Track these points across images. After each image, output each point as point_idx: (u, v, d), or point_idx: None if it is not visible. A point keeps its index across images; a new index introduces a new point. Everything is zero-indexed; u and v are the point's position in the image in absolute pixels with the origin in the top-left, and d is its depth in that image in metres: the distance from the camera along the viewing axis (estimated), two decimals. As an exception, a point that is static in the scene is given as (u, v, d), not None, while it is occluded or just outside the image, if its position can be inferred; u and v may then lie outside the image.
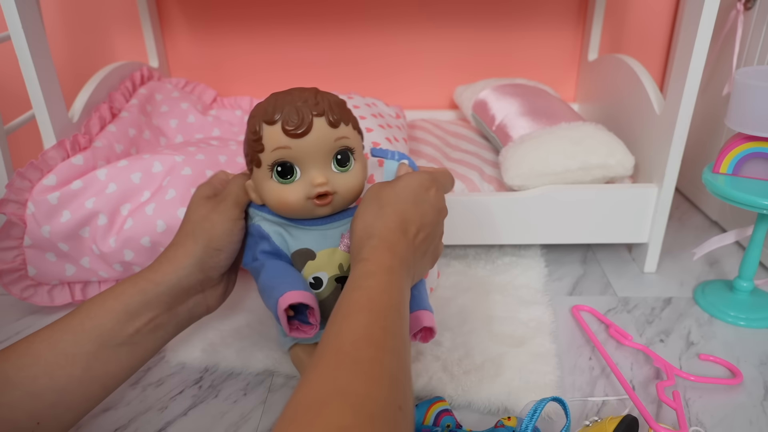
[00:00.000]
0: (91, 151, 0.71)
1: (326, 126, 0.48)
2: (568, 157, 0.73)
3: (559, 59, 1.10)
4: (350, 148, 0.50)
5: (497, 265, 0.79)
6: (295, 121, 0.47)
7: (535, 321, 0.67)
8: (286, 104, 0.48)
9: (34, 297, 0.69)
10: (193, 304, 0.52)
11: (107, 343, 0.46)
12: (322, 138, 0.48)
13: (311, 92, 0.50)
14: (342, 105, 0.51)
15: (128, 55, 1.07)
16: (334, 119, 0.49)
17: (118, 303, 0.47)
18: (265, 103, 0.49)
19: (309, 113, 0.48)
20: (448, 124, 1.03)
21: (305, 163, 0.49)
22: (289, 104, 0.48)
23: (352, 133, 0.51)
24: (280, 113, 0.48)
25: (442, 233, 0.53)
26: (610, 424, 0.47)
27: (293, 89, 0.50)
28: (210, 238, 0.50)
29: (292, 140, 0.48)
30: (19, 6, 0.64)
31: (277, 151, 0.48)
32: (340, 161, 0.50)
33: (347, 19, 1.06)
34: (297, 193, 0.49)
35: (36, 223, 0.65)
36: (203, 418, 0.55)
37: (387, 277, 0.42)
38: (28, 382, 0.43)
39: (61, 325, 0.46)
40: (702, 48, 0.64)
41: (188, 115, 0.91)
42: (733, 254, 0.83)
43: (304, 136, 0.48)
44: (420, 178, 0.50)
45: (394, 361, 0.37)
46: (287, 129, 0.47)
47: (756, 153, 0.64)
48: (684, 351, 0.64)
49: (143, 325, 0.48)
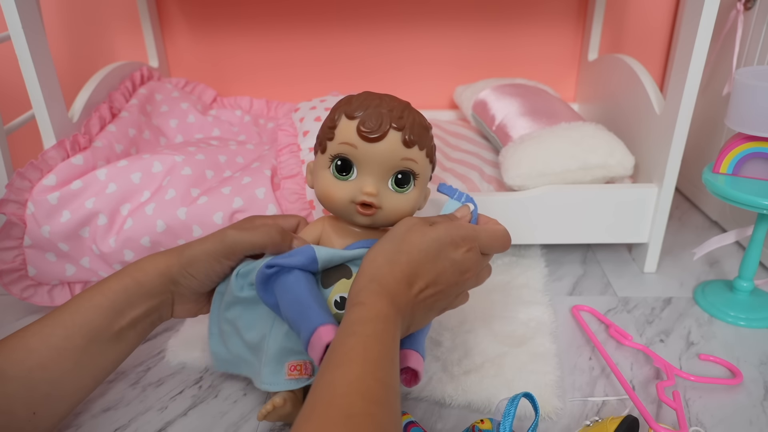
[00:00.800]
0: (91, 151, 0.71)
1: (399, 142, 0.48)
2: (568, 157, 0.73)
3: (559, 59, 1.10)
4: (414, 173, 0.50)
5: (497, 265, 0.79)
6: (372, 126, 0.47)
7: (535, 321, 0.67)
8: (372, 106, 0.48)
9: (34, 297, 0.69)
10: (164, 307, 0.54)
11: (96, 339, 0.49)
12: (390, 151, 0.48)
13: (402, 105, 0.49)
14: (425, 129, 0.50)
15: (128, 55, 1.07)
16: (410, 139, 0.48)
17: (106, 300, 0.50)
18: (354, 98, 0.50)
19: (388, 123, 0.47)
20: (448, 124, 1.03)
21: (365, 168, 0.49)
22: (375, 108, 0.48)
23: (423, 159, 0.50)
24: (362, 112, 0.48)
25: (461, 293, 0.51)
26: (610, 424, 0.47)
27: (388, 95, 0.50)
28: (189, 264, 0.52)
29: (361, 141, 0.48)
30: (19, 6, 0.64)
31: (344, 146, 0.48)
32: (400, 181, 0.50)
33: (347, 19, 1.06)
34: (345, 192, 0.49)
35: (36, 223, 0.65)
36: (203, 418, 0.55)
37: (383, 326, 0.41)
38: (23, 374, 0.45)
39: (51, 320, 0.48)
40: (702, 48, 0.64)
41: (188, 115, 0.91)
42: (733, 254, 0.83)
43: (374, 142, 0.47)
44: (454, 234, 0.47)
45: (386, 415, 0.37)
46: (361, 130, 0.47)
47: (756, 153, 0.64)
48: (684, 351, 0.64)
49: (127, 323, 0.51)
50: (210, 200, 0.67)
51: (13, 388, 0.45)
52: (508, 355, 0.61)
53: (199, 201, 0.67)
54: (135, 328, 0.52)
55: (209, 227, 0.67)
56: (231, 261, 0.52)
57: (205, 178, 0.71)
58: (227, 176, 0.73)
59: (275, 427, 0.54)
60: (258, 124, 0.96)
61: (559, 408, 0.55)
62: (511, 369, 0.59)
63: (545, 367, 0.59)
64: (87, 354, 0.49)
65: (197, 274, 0.52)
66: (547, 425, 0.54)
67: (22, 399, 0.45)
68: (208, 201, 0.67)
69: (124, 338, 0.52)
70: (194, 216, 0.66)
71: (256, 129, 0.94)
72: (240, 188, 0.68)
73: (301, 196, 0.70)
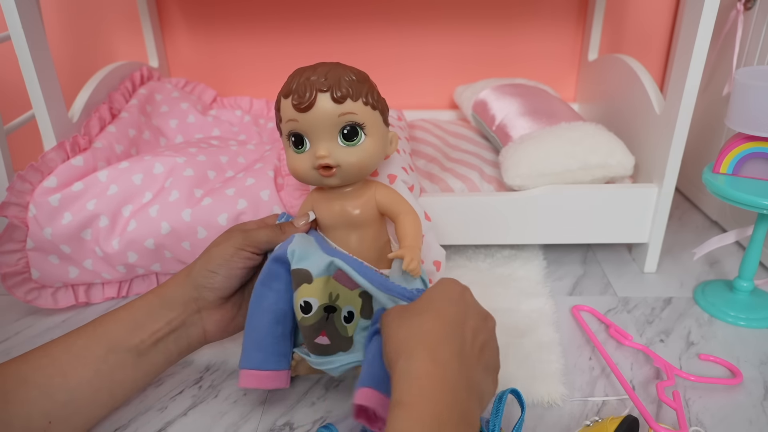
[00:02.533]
0: (91, 152, 0.71)
1: (330, 102, 0.50)
2: (568, 157, 0.73)
3: (559, 59, 1.10)
4: (358, 124, 0.52)
5: (496, 258, 0.80)
6: (300, 97, 0.50)
7: (537, 312, 0.69)
8: (300, 77, 0.51)
9: (38, 300, 0.69)
10: (190, 323, 0.54)
11: (115, 349, 0.50)
12: (324, 113, 0.51)
13: (327, 67, 0.52)
14: (354, 81, 0.52)
15: (128, 55, 1.07)
16: (339, 95, 0.50)
17: (127, 313, 0.51)
18: (289, 77, 0.53)
19: (314, 89, 0.50)
20: (448, 124, 1.03)
21: (312, 135, 0.52)
22: (303, 78, 0.51)
23: (362, 109, 0.52)
24: (293, 86, 0.51)
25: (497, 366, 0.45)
26: (611, 424, 0.47)
27: (318, 64, 0.53)
28: (208, 260, 0.53)
29: (298, 114, 0.51)
30: (19, 6, 0.64)
31: (290, 123, 0.52)
32: (347, 135, 0.52)
33: (347, 20, 1.06)
34: (305, 162, 0.53)
35: (38, 225, 0.65)
36: (203, 418, 0.55)
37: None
38: (43, 381, 0.46)
39: (75, 332, 0.50)
40: (702, 48, 0.64)
41: (188, 115, 0.91)
42: (733, 254, 0.83)
43: (307, 111, 0.50)
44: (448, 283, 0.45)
45: None
46: (294, 104, 0.51)
47: (756, 153, 0.64)
48: (684, 351, 0.64)
49: (147, 336, 0.51)
50: (214, 202, 0.67)
51: (33, 395, 0.46)
52: (514, 346, 0.63)
53: (204, 202, 0.67)
54: (157, 346, 0.52)
55: (214, 229, 0.67)
56: (248, 252, 0.53)
57: (208, 179, 0.71)
58: (229, 176, 0.73)
59: (275, 427, 0.54)
60: (258, 124, 0.96)
61: (565, 395, 0.57)
62: (517, 358, 0.61)
63: (550, 355, 0.61)
64: (106, 363, 0.49)
65: (218, 269, 0.53)
66: (554, 414, 0.54)
67: (40, 406, 0.46)
68: (212, 203, 0.67)
69: (145, 355, 0.51)
70: (199, 218, 0.66)
71: (257, 129, 0.94)
72: (244, 190, 0.68)
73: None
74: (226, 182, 0.70)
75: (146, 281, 0.74)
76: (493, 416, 0.44)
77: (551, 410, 0.55)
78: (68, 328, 0.68)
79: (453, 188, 0.78)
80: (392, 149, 0.58)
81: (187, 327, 0.54)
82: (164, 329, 0.52)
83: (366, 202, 0.56)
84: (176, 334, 0.53)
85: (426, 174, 0.81)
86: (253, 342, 0.53)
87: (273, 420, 0.55)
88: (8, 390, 0.45)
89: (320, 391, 0.58)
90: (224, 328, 0.56)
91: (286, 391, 0.58)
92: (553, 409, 0.55)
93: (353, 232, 0.56)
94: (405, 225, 0.56)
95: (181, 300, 0.53)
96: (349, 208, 0.55)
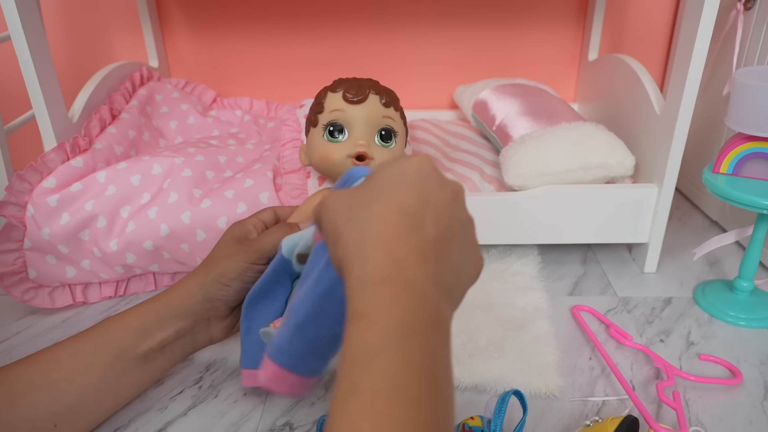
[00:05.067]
0: (91, 153, 0.71)
1: (378, 103, 0.59)
2: (568, 157, 0.73)
3: (559, 59, 1.10)
4: (394, 130, 0.60)
5: (491, 253, 0.81)
6: (354, 91, 0.58)
7: (533, 306, 0.70)
8: (350, 81, 0.59)
9: (35, 299, 0.69)
10: (198, 330, 0.55)
11: (123, 356, 0.50)
12: (373, 110, 0.58)
13: (373, 80, 0.61)
14: (395, 96, 0.61)
15: (128, 55, 1.07)
16: (386, 101, 0.59)
17: (135, 321, 0.51)
18: (334, 82, 0.60)
19: (367, 89, 0.58)
20: (448, 124, 1.03)
21: (354, 127, 0.58)
22: (354, 81, 0.59)
23: (399, 120, 0.61)
24: (344, 85, 0.59)
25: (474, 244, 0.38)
26: (611, 424, 0.47)
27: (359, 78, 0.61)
28: (222, 274, 0.53)
29: (348, 105, 0.58)
30: (19, 6, 0.64)
31: (333, 113, 0.58)
32: (384, 137, 0.59)
33: (347, 19, 1.06)
34: (341, 150, 0.58)
35: (36, 225, 0.65)
36: (203, 418, 0.55)
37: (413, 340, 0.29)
38: (49, 385, 0.47)
39: (83, 336, 0.50)
40: (702, 48, 0.64)
41: (188, 116, 0.91)
42: (733, 254, 0.83)
43: (359, 103, 0.58)
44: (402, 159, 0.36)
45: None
46: (346, 96, 0.58)
47: (756, 153, 0.64)
48: (684, 351, 0.64)
49: (156, 344, 0.52)
50: (214, 204, 0.67)
51: (39, 398, 0.46)
52: (510, 338, 0.64)
53: (203, 204, 0.67)
54: (164, 352, 0.53)
55: (213, 231, 0.67)
56: (260, 266, 0.54)
57: (206, 179, 0.71)
58: (228, 176, 0.73)
59: (275, 427, 0.54)
60: (258, 123, 0.96)
61: (561, 386, 0.58)
62: (514, 351, 0.62)
63: (546, 347, 0.62)
64: (113, 371, 0.49)
65: (232, 282, 0.53)
66: (554, 414, 0.54)
67: (45, 410, 0.46)
68: (212, 205, 0.67)
69: (152, 361, 0.52)
70: (198, 220, 0.66)
71: (257, 128, 0.94)
72: (243, 192, 0.68)
73: (303, 191, 0.70)
74: (225, 183, 0.70)
75: (143, 280, 0.74)
76: (495, 416, 0.44)
77: (551, 410, 0.55)
78: (68, 328, 0.68)
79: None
80: None
81: (195, 333, 0.54)
82: (172, 336, 0.52)
83: None
84: (183, 340, 0.54)
85: (426, 174, 0.81)
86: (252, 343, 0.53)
87: (273, 420, 0.55)
88: (15, 393, 0.45)
89: (320, 391, 0.58)
90: (229, 332, 0.57)
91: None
92: (553, 409, 0.55)
93: None
94: None
95: (193, 311, 0.53)
96: None
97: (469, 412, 0.54)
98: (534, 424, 0.54)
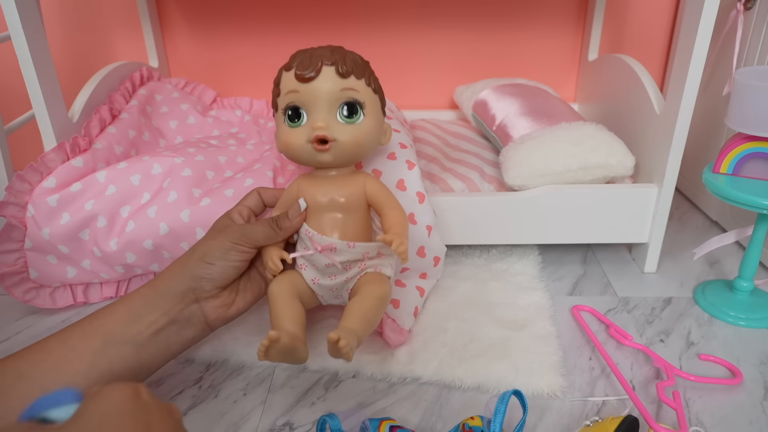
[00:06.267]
0: (91, 153, 0.71)
1: (334, 75, 0.51)
2: (568, 157, 0.73)
3: (559, 59, 1.10)
4: (359, 102, 0.53)
5: (492, 254, 0.82)
6: (305, 67, 0.51)
7: (534, 306, 0.70)
8: (305, 53, 0.52)
9: (36, 299, 0.69)
10: (190, 314, 0.53)
11: (111, 340, 0.49)
12: (328, 85, 0.51)
13: (332, 47, 0.53)
14: (359, 62, 0.53)
15: (128, 55, 1.07)
16: (344, 70, 0.51)
17: (123, 306, 0.51)
18: (291, 56, 0.54)
19: (319, 61, 0.51)
20: (449, 124, 1.03)
21: (311, 108, 0.52)
22: (307, 54, 0.52)
23: (364, 88, 0.53)
24: (296, 60, 0.52)
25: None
26: (610, 424, 0.47)
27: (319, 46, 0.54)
28: (205, 253, 0.53)
29: (301, 84, 0.51)
30: (19, 6, 0.64)
31: (289, 95, 0.52)
32: (347, 112, 0.52)
33: (347, 20, 1.06)
34: (300, 136, 0.52)
35: (36, 225, 0.65)
36: (203, 418, 0.55)
37: None
38: (39, 374, 0.46)
39: (72, 326, 0.50)
40: (702, 48, 0.64)
41: (188, 116, 0.91)
42: (733, 254, 0.83)
43: (311, 81, 0.51)
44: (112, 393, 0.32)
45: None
46: (297, 73, 0.51)
47: (756, 153, 0.64)
48: (684, 351, 0.64)
49: (145, 327, 0.50)
50: (213, 203, 0.67)
51: (29, 387, 0.45)
52: (512, 339, 0.64)
53: (202, 203, 0.67)
54: (158, 337, 0.51)
55: None
56: (245, 248, 0.53)
57: (206, 179, 0.71)
58: (228, 176, 0.73)
59: (275, 427, 0.54)
60: (258, 123, 0.96)
61: (564, 386, 0.58)
62: (516, 351, 0.62)
63: (548, 348, 0.63)
64: (103, 357, 0.48)
65: (215, 260, 0.53)
66: (554, 414, 0.54)
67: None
68: (211, 204, 0.67)
69: (144, 347, 0.50)
70: (197, 219, 0.66)
71: (257, 128, 0.94)
72: (243, 191, 0.68)
73: None
74: (225, 182, 0.70)
75: (144, 280, 0.74)
76: (495, 415, 0.44)
77: (551, 410, 0.55)
78: (68, 328, 0.68)
79: (453, 188, 0.78)
80: (386, 139, 0.58)
81: (188, 317, 0.53)
82: (162, 320, 0.51)
83: (354, 192, 0.55)
84: (177, 326, 0.53)
85: (426, 174, 0.81)
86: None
87: (273, 420, 0.55)
88: (6, 385, 0.45)
89: (320, 391, 0.58)
90: (225, 313, 0.55)
91: (286, 391, 0.58)
92: (553, 409, 0.55)
93: (339, 215, 0.55)
94: (392, 217, 0.55)
95: (177, 290, 0.52)
96: (336, 196, 0.55)
97: (470, 412, 0.55)
98: (534, 424, 0.54)
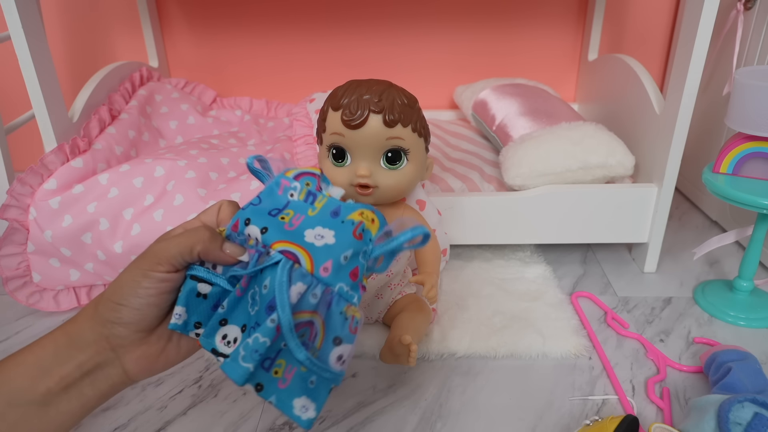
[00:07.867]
0: (91, 154, 0.71)
1: (381, 124, 0.51)
2: (568, 156, 0.73)
3: (559, 59, 1.10)
4: (403, 149, 0.53)
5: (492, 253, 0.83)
6: (353, 114, 0.51)
7: (541, 277, 0.76)
8: (353, 94, 0.52)
9: (40, 303, 0.68)
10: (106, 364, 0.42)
11: (16, 402, 0.39)
12: (374, 134, 0.52)
13: (381, 87, 0.52)
14: (406, 106, 0.53)
15: (128, 55, 1.07)
16: (391, 119, 0.51)
17: (32, 356, 0.41)
18: (339, 89, 0.53)
19: (367, 109, 0.51)
20: (448, 124, 1.03)
21: (356, 152, 0.53)
22: (356, 95, 0.51)
23: (409, 135, 0.53)
24: (345, 101, 0.52)
25: None
26: (610, 424, 0.47)
27: (370, 80, 0.53)
28: (113, 291, 0.41)
29: (347, 130, 0.52)
30: (19, 6, 0.64)
31: (334, 136, 0.53)
32: (390, 159, 0.53)
33: (347, 20, 1.06)
34: (344, 177, 0.54)
35: (38, 228, 0.65)
36: (203, 418, 0.55)
37: None
38: None
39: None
40: (702, 48, 0.64)
41: (188, 116, 0.91)
42: (733, 254, 0.83)
43: (357, 128, 0.51)
44: None
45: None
46: (344, 119, 0.51)
47: (756, 153, 0.64)
48: (684, 351, 0.64)
49: (55, 383, 0.40)
50: None
51: None
52: (531, 309, 0.69)
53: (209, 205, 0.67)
54: (68, 393, 0.40)
55: None
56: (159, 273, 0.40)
57: (210, 180, 0.71)
58: (232, 177, 0.73)
59: (275, 427, 0.54)
60: (258, 123, 0.96)
61: (588, 346, 0.64)
62: (538, 319, 0.67)
63: (565, 313, 0.68)
64: (4, 422, 0.39)
65: (125, 300, 0.40)
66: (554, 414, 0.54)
67: None
68: None
69: (54, 405, 0.40)
70: None
71: (257, 128, 0.94)
72: (249, 195, 0.68)
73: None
74: (230, 184, 0.70)
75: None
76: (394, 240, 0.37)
77: (551, 410, 0.55)
78: (68, 327, 0.68)
79: (453, 188, 0.78)
80: (428, 175, 0.59)
81: (104, 368, 0.42)
82: (74, 373, 0.41)
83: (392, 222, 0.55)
84: (91, 378, 0.41)
85: (426, 174, 0.82)
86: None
87: (273, 419, 0.55)
88: None
89: (320, 390, 0.58)
90: (150, 366, 0.43)
91: (285, 391, 0.58)
92: (553, 409, 0.55)
93: None
94: (426, 252, 0.57)
95: (90, 338, 0.41)
96: None
97: (467, 411, 0.55)
98: (534, 423, 0.54)
